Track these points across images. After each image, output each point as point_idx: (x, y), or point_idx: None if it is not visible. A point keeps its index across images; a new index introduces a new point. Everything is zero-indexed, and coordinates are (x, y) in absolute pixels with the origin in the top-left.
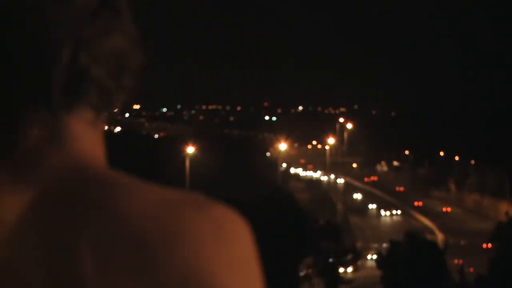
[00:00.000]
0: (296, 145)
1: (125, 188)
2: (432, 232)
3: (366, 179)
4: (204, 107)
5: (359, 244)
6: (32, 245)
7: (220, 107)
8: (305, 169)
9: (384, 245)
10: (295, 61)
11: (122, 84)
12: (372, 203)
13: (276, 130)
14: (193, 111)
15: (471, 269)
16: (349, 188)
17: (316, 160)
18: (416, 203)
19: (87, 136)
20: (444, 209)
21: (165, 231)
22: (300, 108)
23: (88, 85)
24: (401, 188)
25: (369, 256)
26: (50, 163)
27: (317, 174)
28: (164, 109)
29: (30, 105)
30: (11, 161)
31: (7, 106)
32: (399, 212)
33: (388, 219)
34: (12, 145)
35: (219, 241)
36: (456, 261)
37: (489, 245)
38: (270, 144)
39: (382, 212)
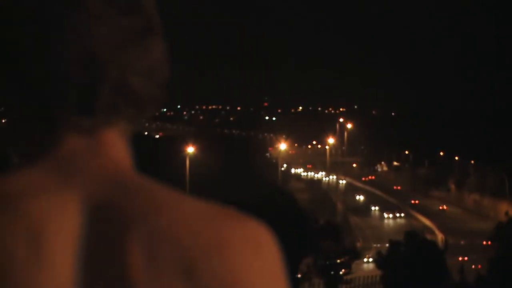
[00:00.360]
0: (296, 145)
1: (165, 196)
2: (432, 232)
3: (364, 178)
4: (204, 107)
5: (359, 244)
6: (82, 245)
7: (220, 107)
8: (305, 169)
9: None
10: (295, 61)
11: (156, 97)
12: (375, 205)
13: (276, 130)
14: (193, 111)
15: (479, 266)
16: (351, 189)
17: (316, 160)
18: (413, 201)
19: (120, 144)
20: (440, 207)
21: (209, 241)
22: (300, 108)
23: (128, 101)
24: (399, 187)
25: (365, 259)
26: (91, 168)
27: (318, 175)
28: (164, 109)
29: (75, 115)
30: (55, 162)
31: (54, 113)
32: (402, 214)
33: (391, 221)
34: (54, 145)
35: (253, 253)
36: (460, 258)
37: (489, 242)
38: (270, 144)
39: (385, 215)
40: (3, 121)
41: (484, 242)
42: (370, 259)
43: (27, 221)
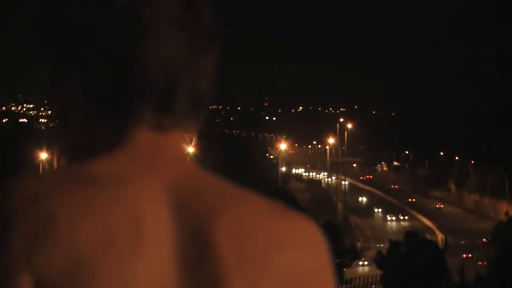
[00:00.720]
0: (296, 145)
1: (236, 191)
2: (432, 231)
3: (361, 178)
4: None
5: (359, 244)
6: (174, 232)
7: (220, 107)
8: (305, 169)
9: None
10: (295, 61)
11: (212, 97)
12: (378, 207)
13: (276, 130)
14: None
15: (485, 263)
16: (354, 190)
17: (316, 160)
18: (410, 200)
19: (184, 141)
20: (437, 206)
21: (274, 233)
22: (300, 108)
23: (197, 103)
24: (396, 186)
25: (360, 262)
26: (168, 160)
27: (320, 175)
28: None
29: (155, 115)
30: (134, 154)
31: (134, 112)
32: (406, 217)
33: (394, 224)
34: (129, 139)
35: (312, 249)
36: (464, 255)
37: (484, 240)
38: (270, 144)
39: (388, 217)
40: (82, 114)
41: (484, 239)
42: (366, 262)
43: (127, 206)
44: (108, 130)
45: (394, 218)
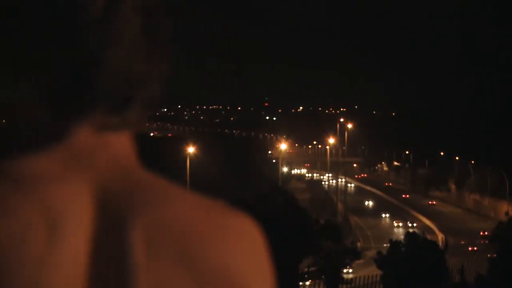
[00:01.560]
0: (296, 145)
1: (166, 187)
2: (432, 231)
3: (356, 176)
4: (204, 107)
5: (359, 244)
6: (92, 229)
7: (220, 107)
8: (305, 169)
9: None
10: (296, 61)
11: (162, 100)
12: (385, 212)
13: (277, 130)
14: (193, 111)
15: (493, 255)
16: (360, 193)
17: (317, 160)
18: (404, 196)
19: (127, 142)
20: (430, 202)
21: (206, 233)
22: (301, 108)
23: (144, 105)
24: (390, 184)
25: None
26: (100, 160)
27: (324, 177)
28: (164, 109)
29: (95, 115)
30: (66, 153)
31: (80, 107)
32: (415, 224)
33: (401, 230)
34: (65, 138)
35: (244, 242)
36: (470, 248)
37: (482, 241)
38: (270, 144)
39: (395, 223)
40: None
41: (482, 241)
42: (350, 270)
43: (46, 203)
44: (50, 129)
45: (401, 224)
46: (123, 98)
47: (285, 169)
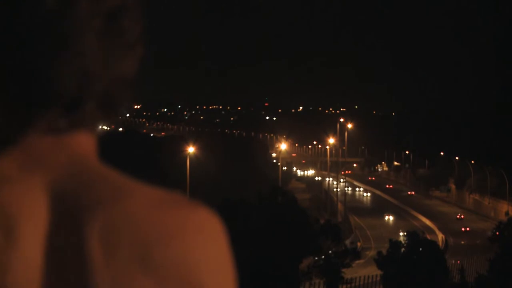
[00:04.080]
0: (296, 145)
1: (124, 185)
2: (432, 231)
3: (342, 172)
4: (204, 107)
5: (359, 244)
6: (47, 232)
7: (220, 107)
8: (306, 169)
9: None
10: (296, 61)
11: (126, 101)
12: (389, 215)
13: (277, 130)
14: (193, 111)
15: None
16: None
17: (317, 161)
18: (387, 186)
19: (87, 141)
20: (409, 193)
21: (162, 228)
22: (301, 108)
23: (104, 108)
24: (373, 178)
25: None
26: (55, 161)
27: (330, 179)
28: (165, 109)
29: (47, 113)
30: (21, 153)
31: (29, 109)
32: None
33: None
34: (20, 141)
35: (205, 241)
36: (477, 241)
37: (462, 216)
38: (270, 144)
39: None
40: None
41: (463, 229)
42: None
43: (0, 206)
44: (3, 132)
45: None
46: (74, 99)
47: (284, 169)
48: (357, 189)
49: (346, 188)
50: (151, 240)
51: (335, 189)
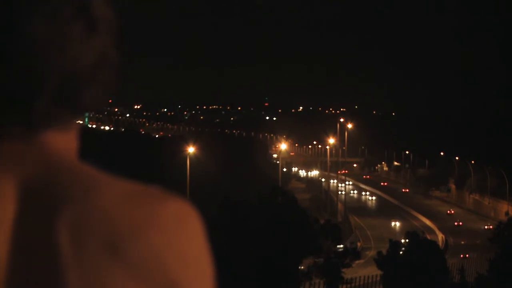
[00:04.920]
0: (296, 145)
1: (95, 180)
2: (432, 231)
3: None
4: (204, 107)
5: (359, 244)
6: (17, 226)
7: (220, 107)
8: (306, 169)
9: None
10: (296, 61)
11: (96, 96)
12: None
13: (277, 130)
14: (193, 111)
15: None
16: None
17: (317, 161)
18: (382, 184)
19: (60, 136)
20: (403, 190)
21: (131, 220)
22: (301, 108)
23: (66, 107)
24: (368, 176)
25: None
26: (26, 158)
27: (334, 181)
28: (165, 109)
29: (13, 118)
30: None
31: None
32: None
33: None
34: None
35: (177, 230)
36: (477, 241)
37: (452, 211)
38: (270, 144)
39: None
40: None
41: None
42: None
43: None
44: None
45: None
46: (25, 99)
47: (284, 169)
48: (363, 193)
49: (352, 192)
50: (121, 233)
51: (340, 192)
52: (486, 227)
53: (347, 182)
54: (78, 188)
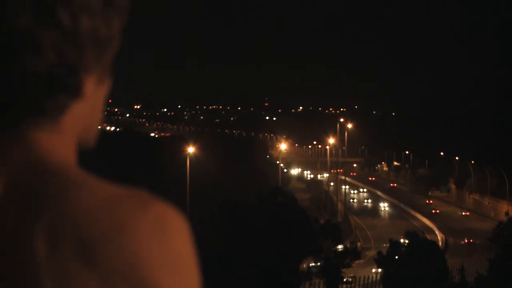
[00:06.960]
0: (296, 145)
1: (77, 182)
2: (432, 231)
3: (332, 170)
4: (204, 107)
5: (359, 244)
6: None
7: (220, 107)
8: (306, 169)
9: None
10: (296, 61)
11: (66, 89)
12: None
13: (277, 130)
14: (193, 111)
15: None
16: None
17: (317, 161)
18: (370, 179)
19: (51, 138)
20: (391, 185)
21: (109, 224)
22: (301, 108)
23: (53, 106)
24: (373, 178)
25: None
26: (13, 157)
27: (357, 190)
28: (165, 109)
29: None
30: None
31: None
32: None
33: None
34: None
35: (157, 236)
36: (477, 241)
37: (431, 201)
38: (270, 144)
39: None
40: None
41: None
42: None
43: None
44: None
45: None
46: (14, 96)
47: (284, 170)
48: (381, 204)
49: (366, 201)
50: (94, 236)
51: (352, 200)
52: (463, 213)
53: (361, 189)
54: (56, 191)
